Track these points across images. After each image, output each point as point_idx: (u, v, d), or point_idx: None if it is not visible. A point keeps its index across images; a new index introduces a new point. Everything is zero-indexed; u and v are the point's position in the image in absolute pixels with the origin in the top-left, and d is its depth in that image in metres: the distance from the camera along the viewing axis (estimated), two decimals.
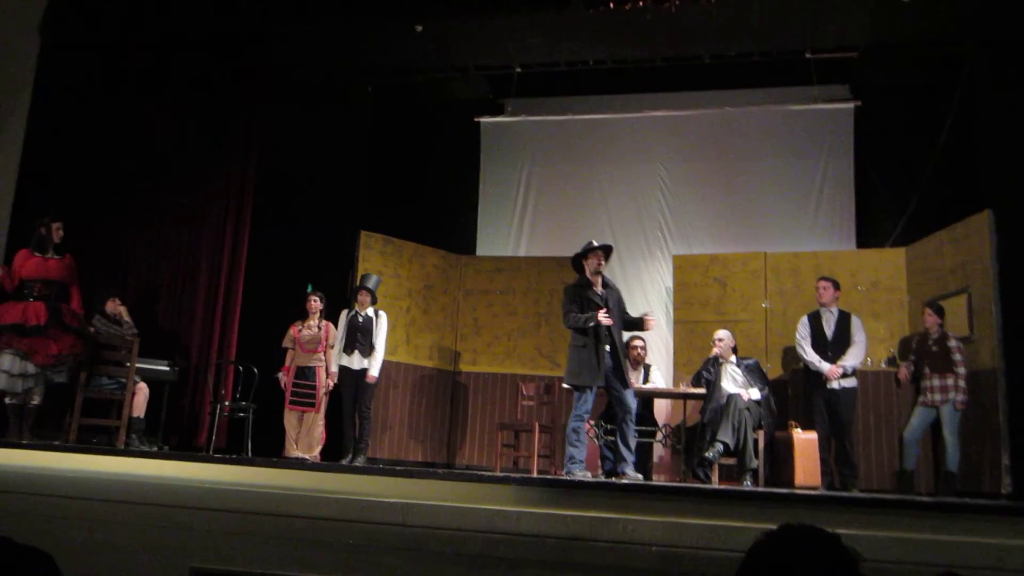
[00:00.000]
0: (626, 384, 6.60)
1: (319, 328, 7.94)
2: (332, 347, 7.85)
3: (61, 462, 5.39)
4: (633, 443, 6.62)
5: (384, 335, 7.89)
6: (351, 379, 7.73)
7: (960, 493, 6.83)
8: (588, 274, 6.80)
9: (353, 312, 7.86)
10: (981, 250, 7.29)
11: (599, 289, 6.75)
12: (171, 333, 8.60)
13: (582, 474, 6.37)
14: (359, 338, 7.75)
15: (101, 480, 5.01)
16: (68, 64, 8.61)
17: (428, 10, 8.20)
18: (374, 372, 7.74)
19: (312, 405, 7.77)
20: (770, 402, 7.46)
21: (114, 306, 7.64)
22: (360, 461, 7.52)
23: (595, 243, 6.89)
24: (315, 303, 7.95)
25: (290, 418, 7.78)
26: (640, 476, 6.56)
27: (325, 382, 7.80)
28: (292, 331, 7.94)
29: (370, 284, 7.93)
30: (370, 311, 7.87)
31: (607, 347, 6.55)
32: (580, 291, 6.77)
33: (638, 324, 6.94)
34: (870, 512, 4.13)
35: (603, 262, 6.80)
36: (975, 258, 7.37)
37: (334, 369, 7.75)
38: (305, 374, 7.82)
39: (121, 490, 4.87)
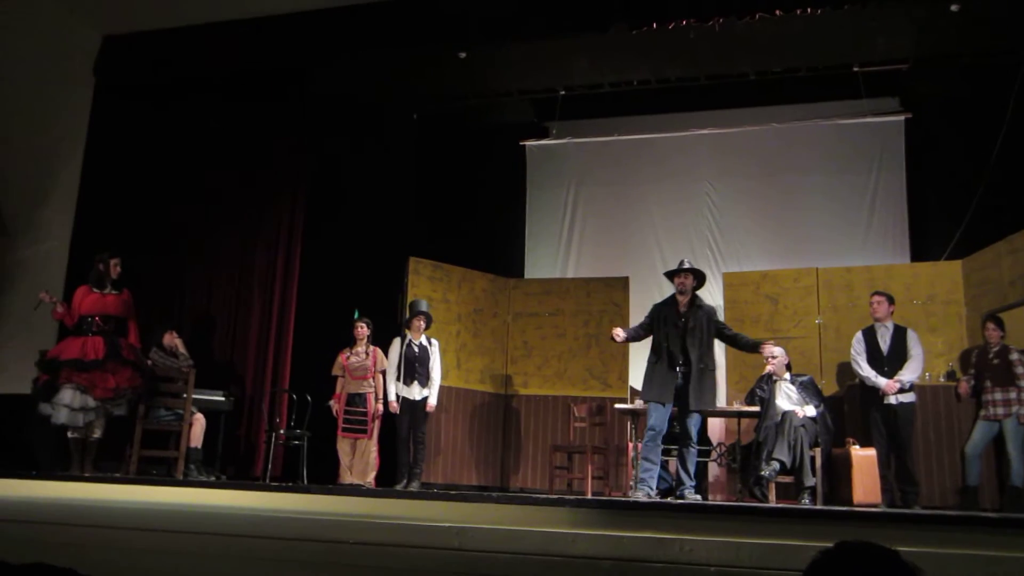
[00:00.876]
0: (690, 408, 6.49)
1: (367, 355, 7.90)
2: (381, 372, 7.84)
3: (122, 494, 5.49)
4: (693, 468, 6.54)
5: (439, 363, 7.95)
6: (408, 408, 7.76)
7: None
8: (676, 293, 6.79)
9: (407, 341, 7.85)
10: None
11: (682, 308, 6.70)
12: (226, 363, 8.71)
13: (640, 494, 6.34)
14: (417, 368, 7.78)
15: (161, 511, 5.09)
16: (122, 102, 8.84)
17: (471, 37, 8.26)
18: (434, 401, 7.84)
19: (364, 432, 7.74)
20: (826, 419, 7.34)
21: (171, 339, 7.76)
22: (415, 486, 7.53)
23: (686, 263, 6.85)
24: (362, 330, 7.90)
25: (343, 445, 7.76)
26: (699, 497, 6.48)
27: (375, 408, 7.79)
28: (341, 358, 7.92)
29: (424, 307, 7.94)
30: (423, 339, 7.89)
31: (678, 367, 6.52)
32: (660, 309, 6.81)
33: (749, 346, 6.81)
34: (932, 529, 4.05)
35: (687, 283, 6.72)
36: None
37: (391, 398, 7.72)
38: (355, 401, 7.79)
39: (181, 520, 4.94)
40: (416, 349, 7.82)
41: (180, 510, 5.06)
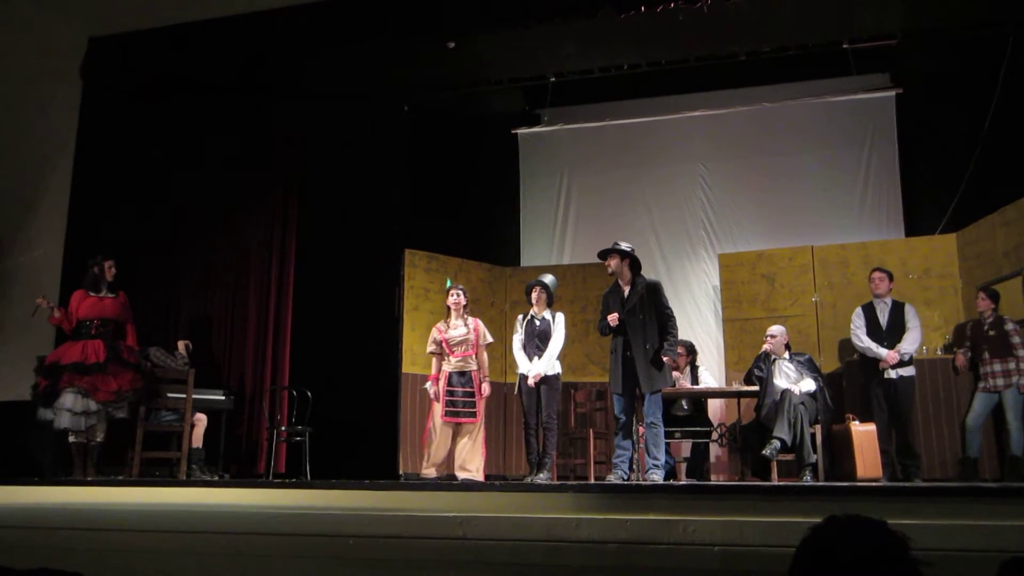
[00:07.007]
0: (644, 390, 6.51)
1: (468, 327, 7.13)
2: (484, 347, 7.21)
3: (126, 496, 5.49)
4: (659, 449, 6.50)
5: (558, 337, 7.17)
6: (533, 388, 7.08)
7: None
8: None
9: (529, 316, 7.28)
10: None
11: (625, 293, 6.78)
12: (225, 362, 8.70)
13: (613, 478, 6.43)
14: (537, 344, 7.12)
15: (165, 512, 5.10)
16: (111, 103, 8.80)
17: (460, 26, 8.24)
18: (539, 370, 7.03)
19: (474, 415, 7.00)
20: (825, 395, 7.36)
21: (184, 347, 7.75)
22: (543, 477, 6.99)
23: (622, 245, 6.86)
24: (459, 297, 7.14)
25: (444, 431, 6.96)
26: (659, 477, 6.43)
27: (484, 388, 7.14)
28: (437, 334, 7.15)
29: (547, 280, 7.35)
30: (547, 313, 7.26)
31: (629, 352, 6.57)
32: (607, 296, 6.90)
33: (661, 342, 6.64)
34: (934, 501, 4.07)
35: (611, 265, 6.78)
36: None
37: (531, 371, 7.04)
38: (459, 381, 7.01)
39: (185, 520, 4.96)
40: (537, 323, 7.19)
41: (184, 510, 5.08)
